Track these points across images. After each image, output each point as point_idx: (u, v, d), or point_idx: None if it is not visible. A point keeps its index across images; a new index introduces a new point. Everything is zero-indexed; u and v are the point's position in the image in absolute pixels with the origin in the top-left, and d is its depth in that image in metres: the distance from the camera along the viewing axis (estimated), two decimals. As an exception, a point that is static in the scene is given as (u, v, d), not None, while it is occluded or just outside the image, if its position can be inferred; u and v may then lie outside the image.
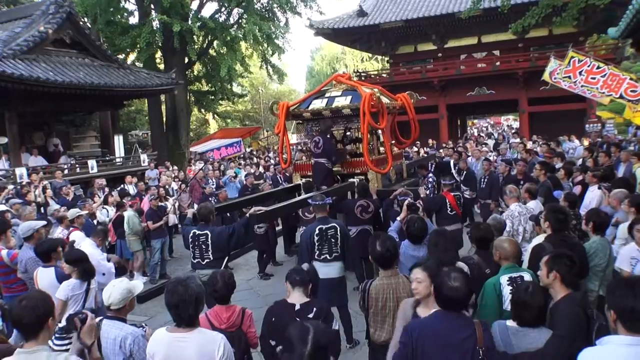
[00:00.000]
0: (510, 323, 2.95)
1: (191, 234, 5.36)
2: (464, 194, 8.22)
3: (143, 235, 8.70)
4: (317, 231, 5.41)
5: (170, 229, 10.13)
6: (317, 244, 5.42)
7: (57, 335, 3.19)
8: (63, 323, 3.08)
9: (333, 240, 5.43)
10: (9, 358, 2.63)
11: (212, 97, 25.89)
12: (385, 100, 8.26)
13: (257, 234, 8.31)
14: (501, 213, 6.12)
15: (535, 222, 5.12)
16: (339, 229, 5.46)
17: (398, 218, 5.53)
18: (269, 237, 8.63)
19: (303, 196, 7.00)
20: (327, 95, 8.40)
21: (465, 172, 10.24)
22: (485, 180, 9.11)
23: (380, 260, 3.68)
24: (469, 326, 2.72)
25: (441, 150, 14.74)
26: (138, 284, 3.53)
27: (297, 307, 3.37)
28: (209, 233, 5.30)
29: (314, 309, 3.37)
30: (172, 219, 9.88)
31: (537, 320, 2.88)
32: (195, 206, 7.15)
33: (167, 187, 12.06)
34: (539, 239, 4.52)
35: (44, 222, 5.62)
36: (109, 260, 5.62)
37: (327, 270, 5.43)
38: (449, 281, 2.77)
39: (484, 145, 16.42)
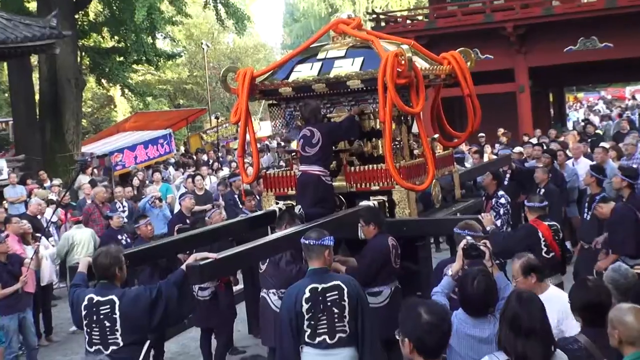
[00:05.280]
0: None
1: (85, 302, 5.32)
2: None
3: None
4: (307, 294, 5.43)
5: (44, 291, 10.13)
6: (307, 315, 5.43)
7: None
8: None
9: (337, 311, 5.46)
10: None
11: (121, 58, 25.85)
12: (421, 63, 8.22)
13: (200, 300, 8.33)
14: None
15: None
16: (346, 290, 5.50)
17: (448, 271, 5.55)
18: (219, 305, 8.63)
19: (284, 232, 6.99)
20: (320, 55, 8.39)
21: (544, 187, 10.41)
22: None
23: (422, 345, 3.69)
24: None
25: (521, 149, 14.63)
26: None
27: None
28: (115, 299, 5.26)
29: None
30: (47, 275, 9.87)
31: None
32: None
33: (38, 216, 12.01)
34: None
35: None
36: None
37: (327, 364, 5.49)
38: None
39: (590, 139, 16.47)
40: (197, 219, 10.47)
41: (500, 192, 9.66)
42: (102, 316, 5.26)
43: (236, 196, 12.78)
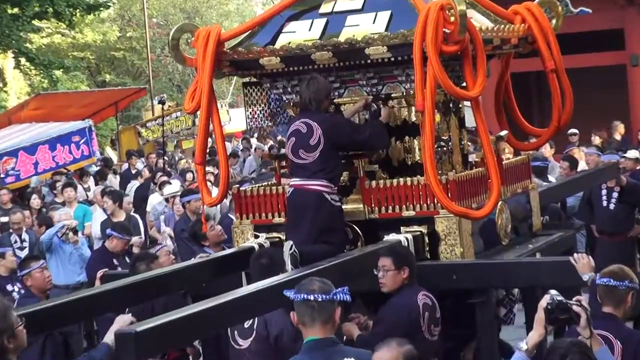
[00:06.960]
0: None
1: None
2: None
3: None
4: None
5: None
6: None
7: None
8: None
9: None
10: None
11: (15, 10, 25.98)
12: (481, 21, 8.26)
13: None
14: None
15: None
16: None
17: (522, 344, 5.35)
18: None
19: (270, 281, 6.86)
20: (325, 8, 8.58)
21: None
22: None
23: None
24: None
25: (637, 153, 15.02)
26: None
27: None
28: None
29: None
30: None
31: None
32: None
33: None
34: None
35: None
36: None
37: None
38: None
39: None
40: (142, 257, 10.15)
41: None
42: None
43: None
